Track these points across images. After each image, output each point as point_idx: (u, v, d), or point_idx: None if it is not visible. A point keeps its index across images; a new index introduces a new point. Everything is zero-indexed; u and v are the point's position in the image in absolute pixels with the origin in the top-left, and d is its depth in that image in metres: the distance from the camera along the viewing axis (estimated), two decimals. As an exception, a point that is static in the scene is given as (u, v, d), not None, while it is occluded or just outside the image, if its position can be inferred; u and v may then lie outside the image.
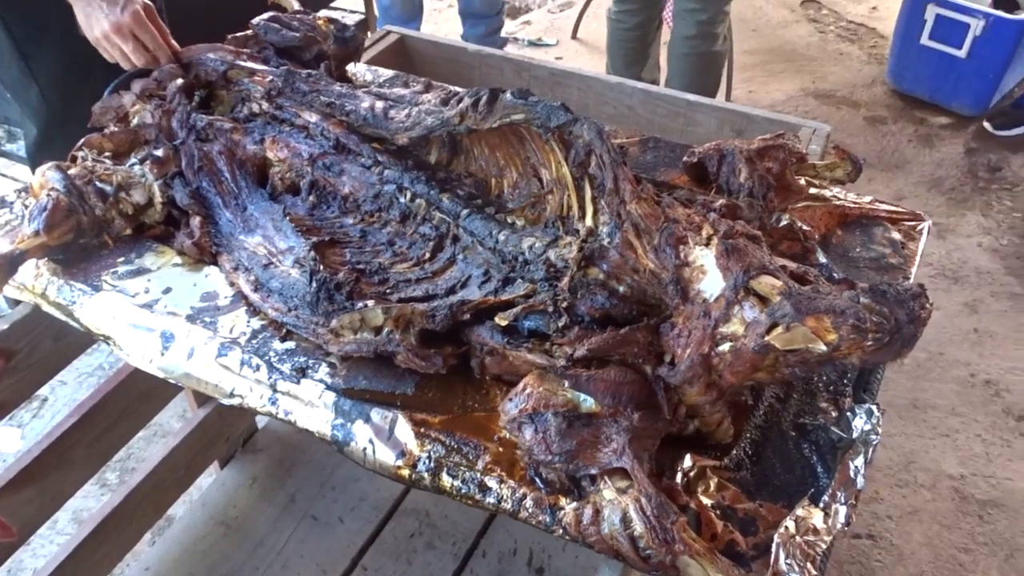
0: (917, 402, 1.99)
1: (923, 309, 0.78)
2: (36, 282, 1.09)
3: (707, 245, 0.87)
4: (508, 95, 1.02)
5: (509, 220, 1.07)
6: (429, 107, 1.16)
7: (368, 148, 1.20)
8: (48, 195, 1.09)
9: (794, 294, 0.78)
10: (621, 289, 0.91)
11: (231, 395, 0.97)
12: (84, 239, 1.11)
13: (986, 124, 3.01)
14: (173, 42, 1.35)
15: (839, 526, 0.79)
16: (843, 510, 0.81)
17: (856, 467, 0.85)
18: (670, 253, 0.87)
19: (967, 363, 2.10)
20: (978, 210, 2.64)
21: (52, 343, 1.17)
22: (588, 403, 0.82)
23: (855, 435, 0.87)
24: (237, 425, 1.64)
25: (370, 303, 0.96)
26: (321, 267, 1.01)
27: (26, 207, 1.21)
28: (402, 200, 1.13)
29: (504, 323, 0.90)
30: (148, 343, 1.01)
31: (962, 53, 2.90)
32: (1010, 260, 2.44)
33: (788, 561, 0.74)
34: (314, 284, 0.99)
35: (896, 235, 1.18)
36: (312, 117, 1.24)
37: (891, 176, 2.78)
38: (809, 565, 0.74)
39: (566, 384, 0.84)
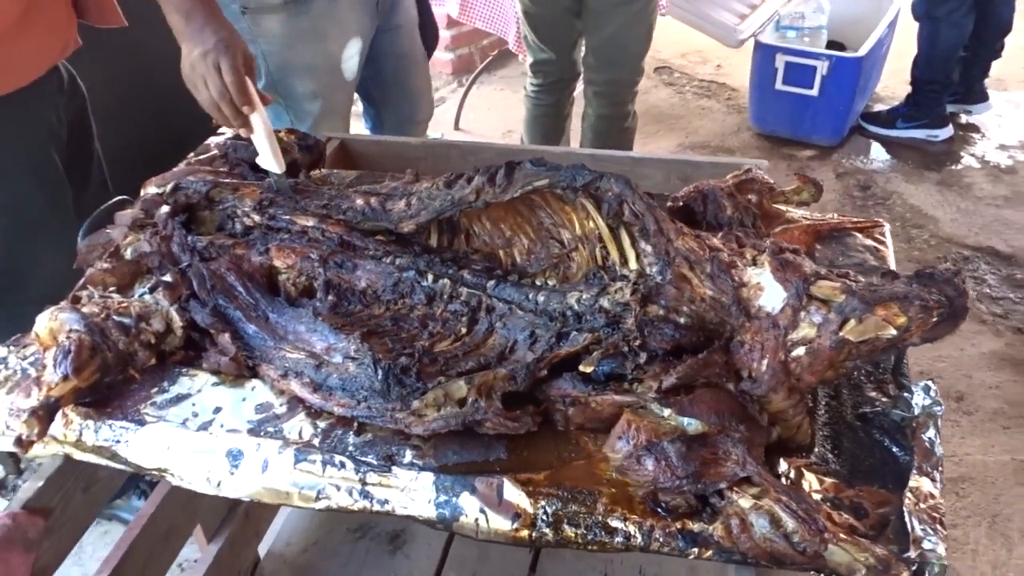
0: (869, 403, 2.15)
1: (964, 283, 0.88)
2: (67, 431, 1.03)
3: (754, 264, 0.96)
4: (527, 164, 1.08)
5: (537, 283, 1.12)
6: (432, 191, 1.21)
7: (373, 242, 1.23)
8: (67, 337, 1.05)
9: (857, 290, 0.87)
10: (682, 320, 0.97)
11: (317, 498, 0.95)
12: (109, 377, 1.07)
13: (862, 122, 3.45)
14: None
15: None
16: (937, 476, 0.88)
17: (930, 438, 0.93)
18: (725, 278, 0.95)
19: (899, 360, 2.29)
20: (863, 225, 2.90)
21: (82, 494, 1.10)
22: (693, 426, 0.87)
23: (916, 412, 0.96)
24: (245, 556, 1.57)
25: (441, 379, 0.98)
26: (380, 356, 1.02)
27: (24, 359, 1.15)
28: (425, 283, 1.16)
29: (589, 369, 0.94)
30: (213, 466, 0.98)
31: (814, 92, 3.23)
32: (902, 264, 2.69)
33: (922, 528, 0.80)
34: (380, 373, 0.99)
35: (869, 241, 1.31)
36: (309, 221, 1.26)
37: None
38: (939, 526, 0.81)
39: (666, 413, 0.88)
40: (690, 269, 0.97)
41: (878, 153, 3.39)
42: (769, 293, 0.93)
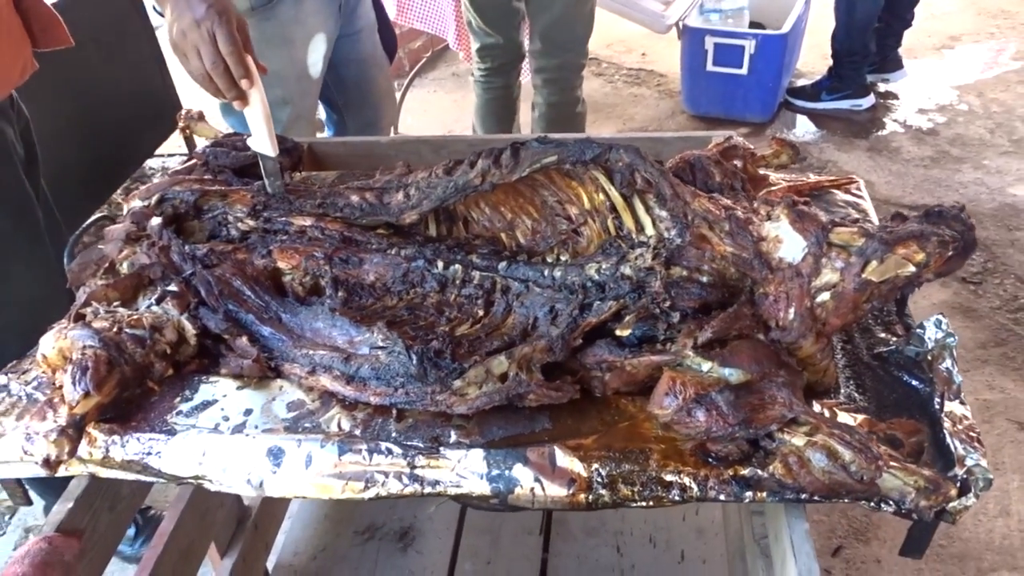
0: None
1: (970, 218, 0.94)
2: (92, 449, 1.00)
3: (769, 219, 1.00)
4: (534, 143, 1.10)
5: (549, 260, 1.14)
6: (431, 180, 1.22)
7: (375, 236, 1.22)
8: (82, 354, 1.02)
9: (875, 233, 0.91)
10: (704, 279, 1.01)
11: (366, 488, 0.95)
12: (128, 391, 1.04)
13: (788, 97, 3.58)
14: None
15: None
16: (964, 400, 0.94)
17: (947, 368, 0.98)
18: (744, 234, 0.99)
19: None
20: (804, 194, 3.02)
21: (109, 513, 1.07)
22: (735, 375, 0.90)
23: (930, 345, 1.01)
24: (258, 569, 1.54)
25: (476, 358, 0.99)
26: (411, 342, 1.02)
27: (27, 384, 1.11)
28: (436, 271, 1.16)
29: (626, 332, 0.96)
30: (254, 467, 0.96)
31: (743, 71, 3.34)
32: (847, 228, 2.81)
33: (963, 447, 0.85)
34: (414, 358, 1.00)
35: (848, 197, 1.37)
36: (307, 221, 1.25)
37: (725, 185, 3.12)
38: (977, 444, 0.86)
39: (706, 367, 0.91)
40: (709, 229, 1.00)
41: (807, 126, 3.52)
42: (788, 244, 0.97)
